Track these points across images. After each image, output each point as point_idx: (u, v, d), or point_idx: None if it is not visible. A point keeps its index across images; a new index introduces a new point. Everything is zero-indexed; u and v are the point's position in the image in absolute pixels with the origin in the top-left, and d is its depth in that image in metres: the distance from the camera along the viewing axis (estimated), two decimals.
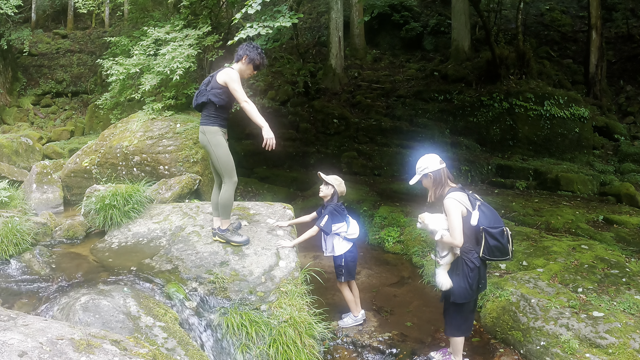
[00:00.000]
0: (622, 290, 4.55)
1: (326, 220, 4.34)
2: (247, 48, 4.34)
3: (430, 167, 3.64)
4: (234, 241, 4.44)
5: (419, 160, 3.74)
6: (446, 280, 3.60)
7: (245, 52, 4.31)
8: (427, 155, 3.74)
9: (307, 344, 3.61)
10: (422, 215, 3.66)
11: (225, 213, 4.43)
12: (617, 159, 11.74)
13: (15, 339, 2.41)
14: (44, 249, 4.58)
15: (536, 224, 7.17)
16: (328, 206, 4.44)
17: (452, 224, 3.47)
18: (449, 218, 3.51)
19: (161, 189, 6.04)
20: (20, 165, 9.49)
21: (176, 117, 7.64)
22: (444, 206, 3.54)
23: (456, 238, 3.46)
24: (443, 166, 3.66)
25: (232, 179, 4.35)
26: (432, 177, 3.64)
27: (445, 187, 3.62)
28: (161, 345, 3.09)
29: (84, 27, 19.49)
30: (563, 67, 15.01)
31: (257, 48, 4.36)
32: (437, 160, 3.67)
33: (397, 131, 11.91)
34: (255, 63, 4.31)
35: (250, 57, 4.28)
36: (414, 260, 6.10)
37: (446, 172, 3.66)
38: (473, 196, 3.61)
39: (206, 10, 8.75)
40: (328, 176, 4.56)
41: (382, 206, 7.91)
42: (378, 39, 17.86)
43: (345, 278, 4.48)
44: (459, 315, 3.69)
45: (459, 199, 3.51)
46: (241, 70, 4.33)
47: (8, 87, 14.82)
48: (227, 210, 4.42)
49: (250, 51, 4.30)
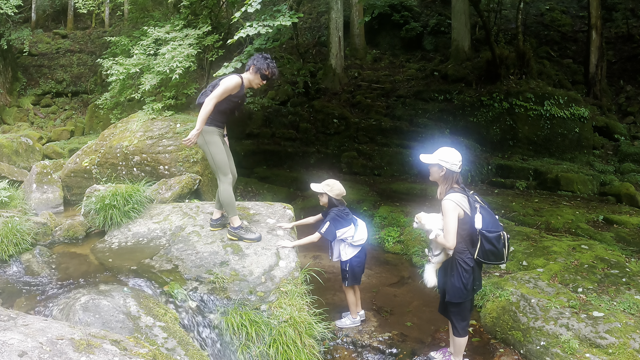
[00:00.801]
0: (622, 290, 4.55)
1: (327, 226, 4.31)
2: (255, 58, 4.41)
3: (450, 163, 3.56)
4: (247, 238, 4.50)
5: (446, 150, 3.63)
6: (432, 278, 3.66)
7: (253, 62, 4.38)
8: (455, 152, 3.64)
9: (307, 344, 3.61)
10: (419, 215, 3.66)
11: (230, 210, 4.48)
12: (617, 159, 11.74)
13: (15, 338, 2.40)
14: (44, 249, 4.58)
15: (536, 224, 7.17)
16: (330, 212, 4.41)
17: (447, 226, 3.46)
18: (444, 219, 3.50)
19: (161, 189, 6.04)
20: (20, 165, 9.48)
21: (176, 117, 7.64)
22: (442, 206, 3.53)
23: (449, 240, 3.44)
24: (459, 170, 3.61)
25: (226, 177, 4.43)
26: (444, 172, 3.58)
27: (449, 187, 3.60)
28: (161, 345, 3.09)
29: (84, 27, 19.48)
30: (563, 67, 15.00)
31: (266, 58, 4.40)
32: (458, 160, 3.59)
33: (397, 131, 11.91)
34: (263, 72, 4.35)
35: (257, 67, 4.34)
36: (414, 260, 6.10)
37: (457, 177, 3.61)
38: (473, 198, 3.58)
39: (206, 10, 8.76)
40: (319, 184, 4.50)
41: (382, 206, 7.91)
42: (378, 39, 17.86)
43: (350, 283, 4.46)
44: (458, 315, 3.70)
45: (458, 200, 3.49)
46: (249, 80, 4.41)
47: (8, 87, 14.82)
48: (230, 207, 4.47)
49: (258, 61, 4.36)
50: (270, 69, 4.36)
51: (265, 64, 4.34)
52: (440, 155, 3.61)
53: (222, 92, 4.27)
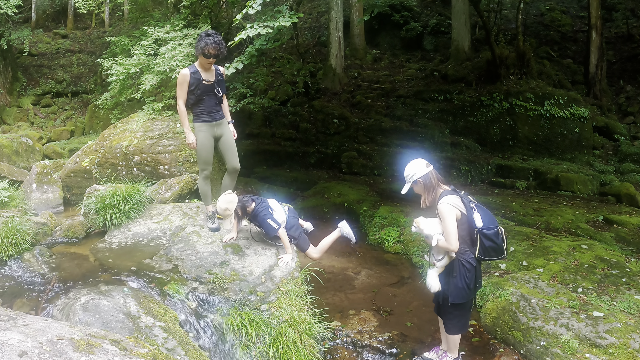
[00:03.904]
0: (622, 290, 4.55)
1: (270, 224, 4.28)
2: (197, 41, 4.58)
3: (418, 172, 3.58)
4: (208, 227, 4.88)
5: (406, 168, 3.67)
6: (437, 282, 3.62)
7: (196, 45, 4.56)
8: (412, 162, 3.67)
9: (307, 344, 3.62)
10: (418, 220, 3.64)
11: (203, 200, 5.00)
12: (617, 159, 11.73)
13: (15, 338, 2.40)
14: (43, 249, 4.58)
15: (536, 224, 7.17)
16: (256, 216, 4.36)
17: (447, 229, 3.46)
18: (443, 223, 3.49)
19: (161, 189, 6.04)
20: (20, 165, 9.48)
21: (176, 117, 7.63)
22: (438, 211, 3.52)
23: (452, 243, 3.45)
24: (430, 169, 3.60)
25: (202, 171, 4.84)
26: (421, 182, 3.59)
27: (437, 190, 3.59)
28: (161, 345, 3.09)
29: (84, 27, 19.47)
30: (563, 67, 14.99)
31: (208, 36, 4.50)
32: (423, 164, 3.61)
33: (397, 131, 11.91)
34: (205, 52, 4.48)
35: (198, 50, 4.52)
36: (414, 260, 6.09)
37: (435, 175, 3.61)
38: (466, 198, 3.59)
39: (206, 10, 8.76)
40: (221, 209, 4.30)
41: (382, 206, 7.91)
42: (378, 39, 17.85)
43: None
44: (458, 314, 3.69)
45: (453, 202, 3.48)
46: (200, 64, 4.64)
47: (8, 87, 14.82)
48: (203, 197, 4.97)
49: (199, 43, 4.52)
50: (209, 46, 4.44)
51: (204, 42, 4.47)
52: (408, 175, 3.64)
53: (177, 90, 4.65)
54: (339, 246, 6.56)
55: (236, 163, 4.87)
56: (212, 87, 4.69)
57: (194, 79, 4.56)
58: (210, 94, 4.69)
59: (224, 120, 4.88)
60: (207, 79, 4.65)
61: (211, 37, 4.48)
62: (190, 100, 4.64)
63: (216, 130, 4.77)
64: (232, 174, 4.92)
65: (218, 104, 4.81)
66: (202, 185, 4.91)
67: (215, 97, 4.75)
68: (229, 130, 4.91)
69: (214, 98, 4.73)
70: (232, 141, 4.90)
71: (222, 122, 4.84)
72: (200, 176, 4.89)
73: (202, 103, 4.66)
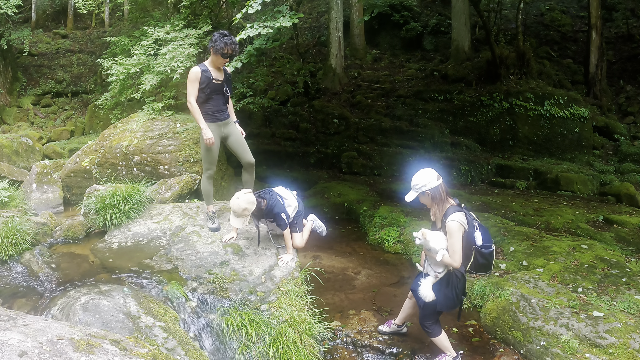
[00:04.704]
0: (622, 290, 4.55)
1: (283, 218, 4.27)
2: (213, 39, 4.58)
3: (428, 184, 3.55)
4: (208, 226, 4.88)
5: (416, 176, 3.61)
6: (431, 293, 3.64)
7: (212, 43, 4.56)
8: (423, 171, 3.61)
9: (307, 344, 3.61)
10: (424, 232, 3.61)
11: (205, 199, 4.99)
12: (617, 159, 11.73)
13: (15, 338, 2.40)
14: (44, 249, 4.58)
15: (536, 224, 7.17)
16: (271, 210, 4.28)
17: (454, 247, 3.49)
18: (450, 240, 3.51)
19: (161, 189, 6.04)
20: (20, 165, 9.48)
21: (176, 117, 7.64)
22: (447, 227, 3.52)
23: (456, 260, 3.50)
24: (440, 182, 3.57)
25: (206, 172, 4.85)
26: (430, 194, 3.58)
27: (445, 203, 3.60)
28: (161, 345, 3.09)
29: (84, 27, 19.47)
30: (563, 67, 15.00)
31: (224, 36, 4.53)
32: (434, 176, 3.56)
33: (397, 131, 11.91)
34: (222, 52, 4.52)
35: (215, 48, 4.52)
36: (414, 260, 6.08)
37: (444, 188, 3.61)
38: (470, 215, 3.64)
39: (206, 10, 8.75)
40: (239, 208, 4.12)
41: (382, 206, 7.90)
42: (378, 39, 17.85)
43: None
44: (437, 318, 3.81)
45: (461, 220, 3.51)
46: (212, 62, 4.63)
47: (8, 87, 14.82)
48: (205, 197, 4.96)
49: (216, 41, 4.53)
50: (229, 46, 4.51)
51: (222, 42, 4.49)
52: (417, 184, 3.60)
53: (188, 88, 4.60)
54: (339, 246, 6.57)
55: (250, 157, 4.94)
56: (221, 87, 4.72)
57: (204, 77, 4.58)
58: (218, 93, 4.71)
59: (230, 120, 4.90)
60: (217, 78, 4.68)
61: (228, 37, 4.53)
62: (200, 98, 4.63)
63: (223, 130, 4.79)
64: (249, 169, 5.00)
65: (225, 103, 4.83)
66: (205, 185, 4.91)
67: (223, 97, 4.78)
68: (236, 129, 4.94)
69: (221, 97, 4.76)
70: (242, 138, 4.97)
71: (229, 121, 4.87)
72: (204, 176, 4.88)
73: (210, 102, 4.68)
